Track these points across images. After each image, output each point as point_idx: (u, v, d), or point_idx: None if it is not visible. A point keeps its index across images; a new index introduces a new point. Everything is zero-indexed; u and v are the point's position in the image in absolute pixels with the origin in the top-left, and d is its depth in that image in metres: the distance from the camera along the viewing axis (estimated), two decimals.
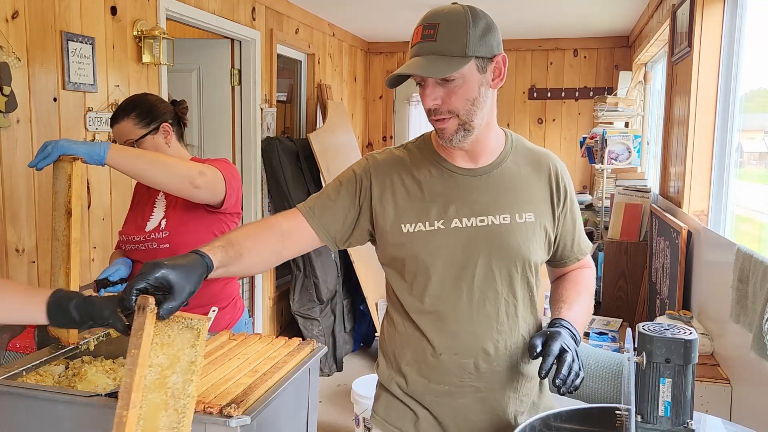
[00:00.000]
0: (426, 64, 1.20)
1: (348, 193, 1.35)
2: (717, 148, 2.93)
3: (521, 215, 1.31)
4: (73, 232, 1.55)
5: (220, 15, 3.63)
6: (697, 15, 2.94)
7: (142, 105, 1.95)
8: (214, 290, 1.97)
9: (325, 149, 4.65)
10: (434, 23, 1.22)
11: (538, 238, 1.33)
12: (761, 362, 1.71)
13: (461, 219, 1.30)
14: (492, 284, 1.30)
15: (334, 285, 4.40)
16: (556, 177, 1.38)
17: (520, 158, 1.37)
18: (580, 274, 1.47)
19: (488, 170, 1.33)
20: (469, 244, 1.29)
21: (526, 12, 4.76)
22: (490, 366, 1.31)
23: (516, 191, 1.33)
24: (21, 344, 1.76)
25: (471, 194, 1.31)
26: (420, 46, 1.22)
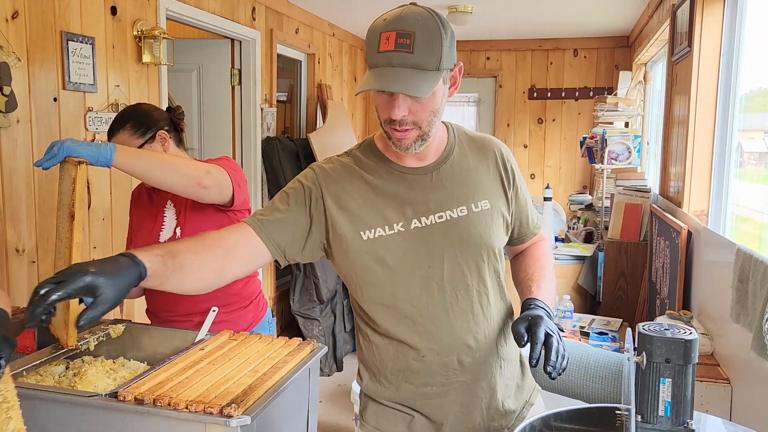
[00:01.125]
0: (407, 79, 1.15)
1: (298, 205, 1.30)
2: (717, 147, 2.93)
3: (477, 204, 1.32)
4: (75, 235, 1.55)
5: (220, 15, 3.63)
6: (697, 15, 2.94)
7: (136, 115, 1.94)
8: (235, 288, 1.97)
9: (325, 149, 4.65)
10: (409, 32, 1.16)
11: (497, 224, 1.34)
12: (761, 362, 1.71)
13: (419, 218, 1.29)
14: (461, 278, 1.30)
15: (334, 285, 4.40)
16: (503, 160, 1.39)
17: (465, 148, 1.37)
18: (537, 248, 1.48)
19: (437, 166, 1.33)
20: (432, 242, 1.28)
21: (526, 12, 4.76)
22: (473, 358, 1.31)
23: (467, 182, 1.33)
24: (21, 344, 1.76)
25: (425, 193, 1.30)
26: (394, 55, 1.16)
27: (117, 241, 2.83)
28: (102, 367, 1.64)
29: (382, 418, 1.39)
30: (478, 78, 6.34)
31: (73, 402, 1.33)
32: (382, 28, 1.18)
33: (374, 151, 1.35)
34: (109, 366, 1.66)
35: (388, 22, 1.18)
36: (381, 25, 1.19)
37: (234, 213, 1.94)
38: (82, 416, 1.33)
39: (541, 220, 1.50)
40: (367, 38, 1.22)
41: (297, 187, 1.32)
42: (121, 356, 1.76)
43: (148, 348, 1.79)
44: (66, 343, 1.59)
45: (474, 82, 6.36)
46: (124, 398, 1.31)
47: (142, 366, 1.70)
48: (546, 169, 6.31)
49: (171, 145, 1.97)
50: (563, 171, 6.29)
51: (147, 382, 1.38)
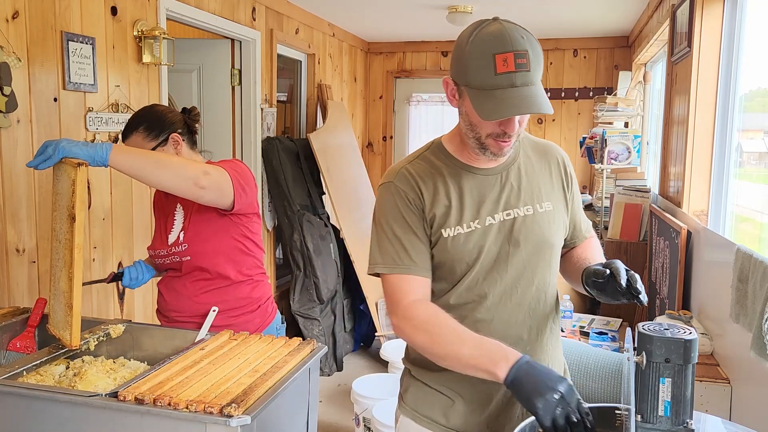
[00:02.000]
0: (536, 99, 1.21)
1: (419, 219, 1.35)
2: (717, 147, 2.93)
3: (541, 205, 1.39)
4: (76, 237, 1.55)
5: (220, 15, 3.63)
6: (697, 15, 2.94)
7: (150, 117, 1.93)
8: (242, 292, 1.97)
9: (325, 149, 4.65)
10: (523, 51, 1.20)
11: (558, 225, 1.42)
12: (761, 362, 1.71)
13: (493, 216, 1.35)
14: (525, 273, 1.37)
15: (334, 285, 4.40)
16: (564, 165, 1.47)
17: (529, 152, 1.44)
18: (589, 241, 1.56)
19: (506, 167, 1.39)
20: (501, 239, 1.35)
21: (526, 12, 4.76)
22: (524, 350, 1.36)
23: (532, 183, 1.40)
24: (21, 344, 1.76)
25: (495, 192, 1.37)
26: (516, 76, 1.20)
27: (117, 242, 2.83)
28: (102, 367, 1.64)
29: (421, 402, 1.43)
30: None
31: (73, 402, 1.34)
32: (494, 49, 1.20)
33: (444, 153, 1.40)
34: (109, 366, 1.66)
35: (498, 42, 1.20)
36: (488, 45, 1.21)
37: (238, 218, 1.93)
38: (82, 416, 1.33)
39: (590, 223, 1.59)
40: (471, 57, 1.23)
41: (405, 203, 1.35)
42: (121, 356, 1.76)
43: (149, 348, 1.79)
44: (69, 344, 1.59)
45: None
46: (124, 398, 1.31)
47: (143, 366, 1.70)
48: None
49: (184, 147, 1.96)
50: None
51: (147, 382, 1.38)
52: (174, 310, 1.97)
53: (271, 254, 4.49)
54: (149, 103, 3.00)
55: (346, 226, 4.51)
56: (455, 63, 1.28)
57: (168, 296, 1.98)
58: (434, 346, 1.27)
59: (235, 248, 1.94)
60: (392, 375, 3.47)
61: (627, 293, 1.25)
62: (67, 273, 1.58)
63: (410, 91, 6.48)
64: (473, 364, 1.21)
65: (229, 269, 1.93)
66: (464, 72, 1.25)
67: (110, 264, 2.80)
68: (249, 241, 1.97)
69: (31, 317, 1.81)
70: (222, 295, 1.93)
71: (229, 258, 1.93)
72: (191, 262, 1.91)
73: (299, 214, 4.28)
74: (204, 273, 1.93)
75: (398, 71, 6.44)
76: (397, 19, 5.12)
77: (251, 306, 1.98)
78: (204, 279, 1.93)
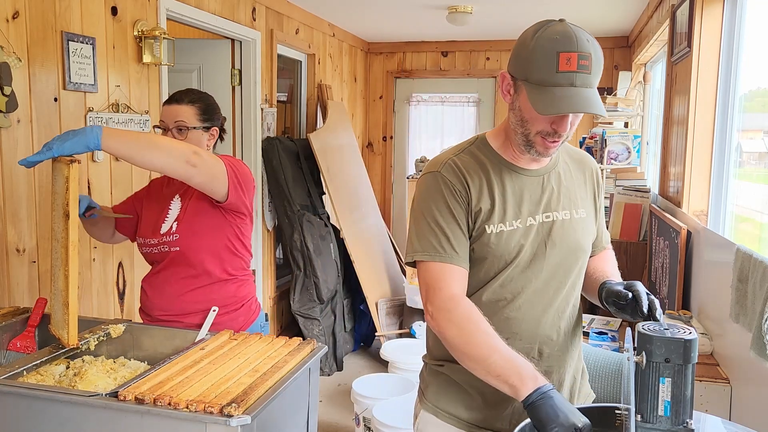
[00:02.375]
0: (592, 100, 1.23)
1: (462, 210, 1.35)
2: (716, 147, 2.93)
3: (577, 211, 1.43)
4: (71, 234, 1.55)
5: (220, 15, 3.63)
6: (697, 15, 2.94)
7: (209, 102, 2.01)
8: (228, 291, 1.97)
9: (325, 149, 4.65)
10: (587, 53, 1.23)
11: (590, 232, 1.45)
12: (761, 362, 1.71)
13: (534, 216, 1.37)
14: (558, 275, 1.39)
15: (334, 285, 4.40)
16: (596, 177, 1.51)
17: (567, 159, 1.47)
18: (606, 253, 1.58)
19: (548, 170, 1.42)
20: (539, 240, 1.37)
21: (526, 12, 4.76)
22: (552, 351, 1.40)
23: (570, 190, 1.44)
24: (21, 344, 1.76)
25: (537, 193, 1.39)
26: (576, 76, 1.22)
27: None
28: (102, 366, 1.64)
29: (443, 397, 1.44)
30: (478, 78, 6.34)
31: (73, 402, 1.34)
32: (560, 47, 1.22)
33: (489, 149, 1.40)
34: (109, 366, 1.66)
35: (565, 41, 1.22)
36: (554, 43, 1.23)
37: (232, 216, 1.94)
38: (82, 416, 1.33)
39: (609, 238, 1.62)
40: (536, 52, 1.24)
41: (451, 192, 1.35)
42: (121, 356, 1.76)
43: (149, 348, 1.79)
44: (67, 342, 1.59)
45: (474, 82, 6.36)
46: (124, 398, 1.31)
47: (143, 366, 1.70)
48: None
49: (213, 144, 2.03)
50: None
51: (147, 381, 1.38)
52: (159, 308, 1.96)
53: (271, 254, 4.49)
54: (149, 103, 3.01)
55: (346, 226, 4.51)
56: (516, 57, 1.29)
57: (152, 293, 1.98)
58: (465, 345, 1.27)
59: (225, 247, 1.95)
60: (392, 375, 3.47)
61: (647, 317, 1.26)
62: (63, 271, 1.58)
63: (410, 91, 6.48)
64: (499, 373, 1.21)
65: (216, 267, 1.95)
66: (525, 67, 1.26)
67: (110, 264, 2.81)
68: (239, 243, 1.99)
69: (31, 317, 1.82)
70: (208, 293, 1.94)
71: (217, 256, 1.95)
72: (179, 253, 1.91)
73: (299, 214, 4.28)
74: (189, 269, 1.93)
75: (398, 71, 6.44)
76: (397, 19, 5.12)
77: (236, 304, 1.99)
78: (190, 276, 1.93)
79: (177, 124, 1.94)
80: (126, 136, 1.68)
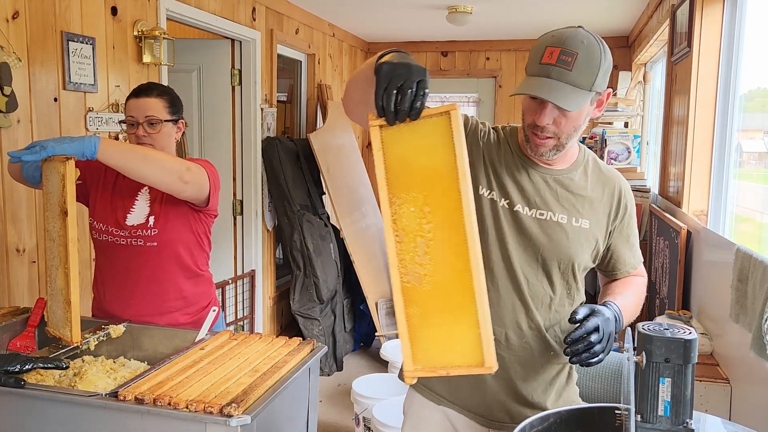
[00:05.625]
0: (561, 92, 1.26)
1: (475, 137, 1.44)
2: (716, 147, 2.93)
3: (578, 220, 1.42)
4: (70, 231, 1.54)
5: (220, 15, 3.63)
6: (697, 15, 2.94)
7: (174, 94, 2.00)
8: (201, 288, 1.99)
9: (325, 149, 4.65)
10: (573, 51, 1.27)
11: (587, 245, 1.43)
12: (761, 362, 1.71)
13: (524, 207, 1.40)
14: (535, 271, 1.40)
15: (334, 285, 4.40)
16: (620, 195, 1.47)
17: (590, 171, 1.47)
18: (631, 278, 1.54)
19: (559, 174, 1.43)
20: (525, 230, 1.39)
21: (526, 12, 4.76)
22: (520, 342, 1.41)
23: (578, 198, 1.43)
24: (21, 344, 1.76)
25: (539, 189, 1.41)
26: (554, 69, 1.27)
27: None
28: (102, 366, 1.64)
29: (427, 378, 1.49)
30: (478, 78, 6.33)
31: (73, 402, 1.34)
32: (549, 42, 1.29)
33: (515, 138, 1.46)
34: (109, 366, 1.66)
35: (557, 38, 1.29)
36: (549, 39, 1.30)
37: (205, 216, 1.97)
38: (82, 416, 1.33)
39: (640, 261, 1.55)
40: (533, 49, 1.32)
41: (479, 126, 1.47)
42: (121, 356, 1.76)
43: (149, 348, 1.79)
44: (70, 341, 1.59)
45: (474, 82, 6.36)
46: (124, 398, 1.31)
47: (143, 366, 1.70)
48: None
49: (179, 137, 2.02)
50: None
51: (147, 381, 1.38)
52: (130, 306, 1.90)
53: (271, 254, 4.49)
54: None
55: (346, 226, 4.51)
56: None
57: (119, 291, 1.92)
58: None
59: (196, 242, 1.98)
60: (392, 375, 3.47)
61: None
62: (63, 269, 1.58)
63: None
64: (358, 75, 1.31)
65: (190, 262, 1.97)
66: (527, 62, 1.34)
67: None
68: (206, 239, 2.02)
69: (31, 317, 1.81)
70: (180, 291, 1.95)
71: (190, 251, 1.96)
72: (157, 249, 1.90)
73: (299, 214, 4.28)
74: (165, 265, 1.91)
75: None
76: (397, 19, 5.12)
77: (206, 300, 2.01)
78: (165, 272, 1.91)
79: (148, 119, 1.90)
80: (123, 148, 1.70)
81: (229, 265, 4.19)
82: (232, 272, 4.20)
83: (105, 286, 1.97)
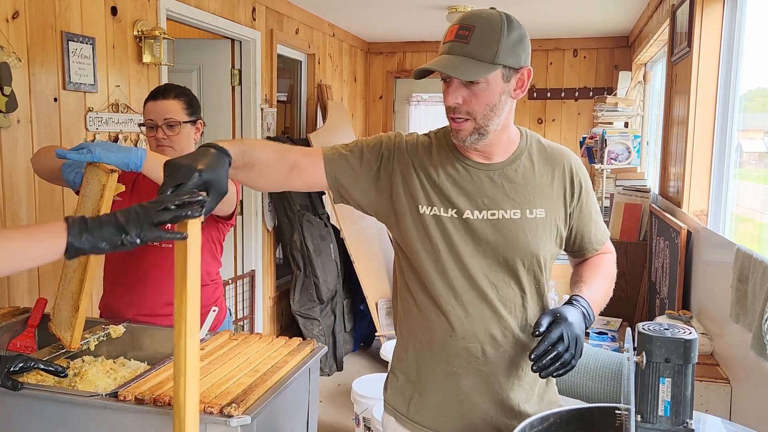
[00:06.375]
0: (455, 63, 1.24)
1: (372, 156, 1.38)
2: (716, 148, 2.93)
3: (532, 211, 1.35)
4: None
5: (220, 15, 3.63)
6: (697, 15, 2.94)
7: (192, 96, 2.00)
8: (206, 293, 1.97)
9: None
10: (470, 25, 1.25)
11: (548, 234, 1.37)
12: (761, 362, 1.71)
13: (473, 211, 1.34)
14: (500, 275, 1.35)
15: (334, 285, 4.41)
16: (571, 173, 1.41)
17: (534, 155, 1.40)
18: (600, 258, 1.50)
19: (501, 167, 1.37)
20: (480, 236, 1.33)
21: (525, 12, 4.76)
22: (497, 352, 1.36)
23: (528, 188, 1.36)
24: (21, 344, 1.76)
25: (484, 189, 1.35)
26: (452, 45, 1.26)
27: None
28: (102, 367, 1.64)
29: (399, 398, 1.44)
30: None
31: (73, 402, 1.34)
32: (452, 22, 1.29)
33: (448, 139, 1.40)
34: (109, 366, 1.66)
35: (458, 18, 1.29)
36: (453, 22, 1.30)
37: (223, 225, 1.99)
38: (82, 416, 1.33)
39: (607, 235, 1.51)
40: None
41: (375, 144, 1.40)
42: (121, 356, 1.76)
43: (149, 348, 1.79)
44: (69, 345, 1.59)
45: None
46: (124, 398, 1.31)
47: (143, 366, 1.70)
48: None
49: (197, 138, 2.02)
50: None
51: (147, 381, 1.38)
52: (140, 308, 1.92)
53: (271, 254, 4.49)
54: None
55: (346, 226, 4.51)
56: None
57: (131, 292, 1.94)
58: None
59: (209, 250, 1.99)
60: None
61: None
62: (80, 274, 1.57)
63: (410, 91, 6.48)
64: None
65: (203, 270, 1.95)
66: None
67: None
68: (219, 246, 2.04)
69: (31, 317, 1.81)
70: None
71: (203, 258, 1.95)
72: (171, 251, 1.89)
73: (299, 214, 4.28)
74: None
75: (398, 71, 6.43)
76: (397, 19, 5.12)
77: (213, 303, 2.01)
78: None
79: (167, 121, 1.91)
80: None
81: (229, 265, 4.19)
82: (232, 272, 4.20)
83: (114, 283, 1.98)
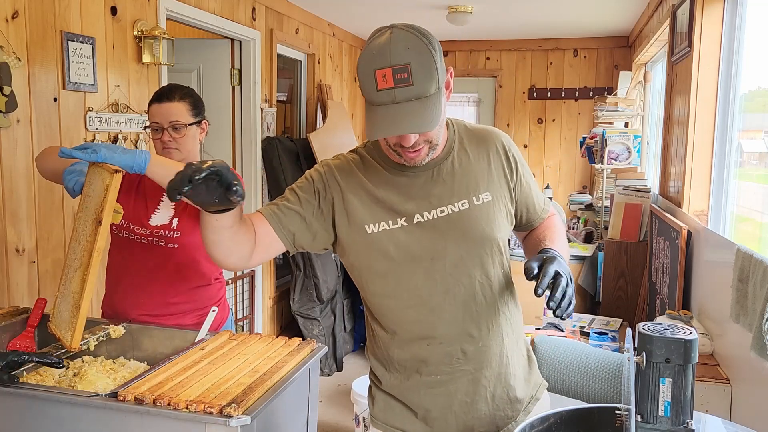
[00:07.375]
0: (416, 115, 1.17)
1: (308, 196, 1.35)
2: (717, 147, 2.93)
3: (478, 197, 1.34)
4: (99, 240, 1.54)
5: (220, 15, 3.63)
6: (697, 15, 2.94)
7: (197, 96, 1.99)
8: (210, 292, 1.98)
9: (325, 149, 4.65)
10: (403, 65, 1.15)
11: (500, 215, 1.36)
12: (761, 362, 1.71)
13: (422, 213, 1.32)
14: (464, 269, 1.33)
15: (334, 285, 4.40)
16: (505, 151, 1.40)
17: (465, 143, 1.39)
18: (547, 220, 1.49)
19: (437, 163, 1.35)
20: (435, 236, 1.32)
21: (526, 12, 4.76)
22: (476, 347, 1.35)
23: (468, 176, 1.35)
24: (21, 344, 1.76)
25: (427, 188, 1.33)
26: (396, 92, 1.16)
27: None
28: (102, 367, 1.64)
29: (390, 413, 1.42)
30: (478, 78, 6.34)
31: (73, 402, 1.33)
32: (375, 64, 1.17)
33: (377, 149, 1.38)
34: (109, 366, 1.66)
35: (378, 57, 1.16)
36: (371, 60, 1.17)
37: None
38: (82, 416, 1.33)
39: (548, 202, 1.51)
40: (360, 73, 1.20)
41: (306, 182, 1.38)
42: (121, 356, 1.76)
43: (148, 348, 1.79)
44: (69, 345, 1.58)
45: (474, 82, 6.36)
46: (124, 398, 1.31)
47: (142, 366, 1.70)
48: (546, 169, 6.31)
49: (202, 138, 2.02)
50: (563, 171, 6.29)
51: (147, 382, 1.38)
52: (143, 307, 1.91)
53: None
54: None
55: None
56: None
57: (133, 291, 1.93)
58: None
59: None
60: None
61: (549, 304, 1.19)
62: (82, 274, 1.57)
63: None
64: None
65: (207, 270, 1.96)
66: (360, 86, 1.22)
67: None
68: None
69: (31, 317, 1.81)
70: (192, 294, 1.95)
71: (208, 259, 1.94)
72: (177, 251, 1.90)
73: None
74: (183, 268, 1.91)
75: None
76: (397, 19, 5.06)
77: (215, 303, 2.01)
78: (182, 276, 1.92)
79: (173, 124, 1.90)
80: (171, 166, 1.69)
81: None
82: (232, 272, 4.20)
83: (118, 283, 1.97)
